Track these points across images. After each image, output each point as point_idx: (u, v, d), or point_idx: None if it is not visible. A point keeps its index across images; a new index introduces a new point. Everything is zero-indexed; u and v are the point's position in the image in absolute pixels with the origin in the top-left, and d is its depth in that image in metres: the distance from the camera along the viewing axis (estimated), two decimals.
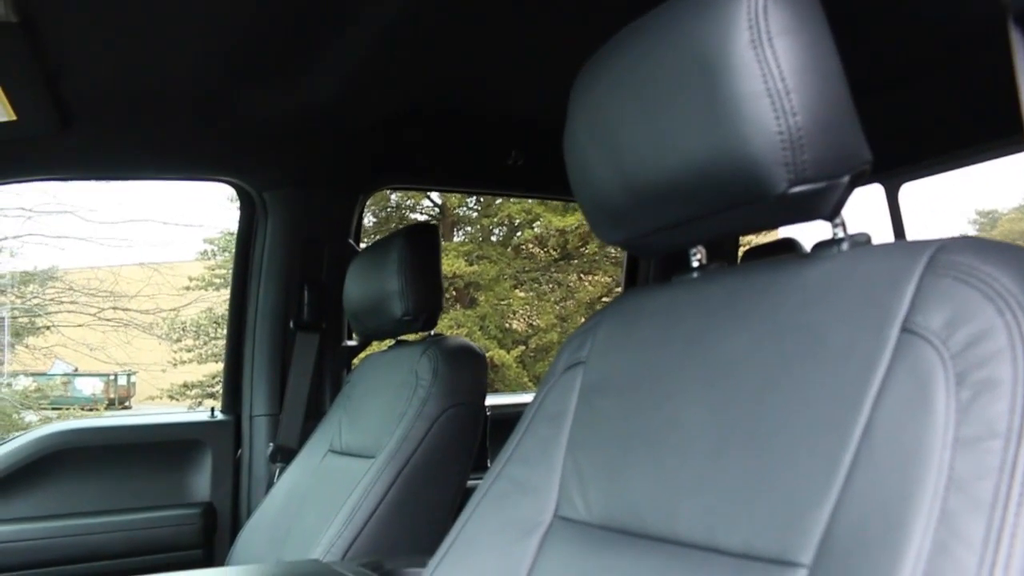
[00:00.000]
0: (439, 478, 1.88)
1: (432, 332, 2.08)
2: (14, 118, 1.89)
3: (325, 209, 2.53)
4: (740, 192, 0.89)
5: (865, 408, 0.76)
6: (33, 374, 12.67)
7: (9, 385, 11.48)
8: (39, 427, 2.36)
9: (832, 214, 0.91)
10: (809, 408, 0.81)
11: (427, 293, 2.00)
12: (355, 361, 2.59)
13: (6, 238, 10.80)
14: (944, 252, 0.79)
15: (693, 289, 1.05)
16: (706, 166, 0.89)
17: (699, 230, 1.01)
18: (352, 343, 2.60)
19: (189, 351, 13.85)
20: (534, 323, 13.01)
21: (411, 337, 2.16)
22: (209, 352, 13.79)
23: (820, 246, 0.93)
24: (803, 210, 0.90)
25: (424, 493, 1.85)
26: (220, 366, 12.97)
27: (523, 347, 12.48)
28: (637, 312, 1.12)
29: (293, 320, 2.49)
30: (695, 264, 1.09)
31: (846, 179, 0.87)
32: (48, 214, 12.69)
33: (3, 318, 11.18)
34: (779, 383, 0.85)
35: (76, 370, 14.01)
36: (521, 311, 13.14)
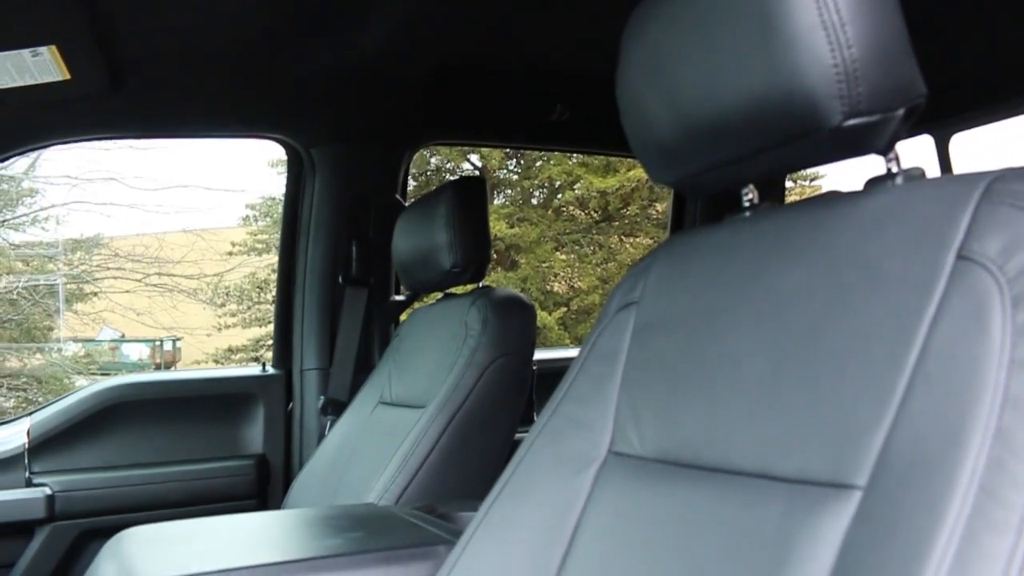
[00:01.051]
0: (489, 427, 1.90)
1: (480, 284, 2.10)
2: (68, 77, 1.92)
3: (372, 165, 2.55)
4: (794, 126, 0.89)
5: (920, 333, 0.77)
6: (82, 340, 12.91)
7: (59, 351, 11.71)
8: (99, 381, 2.43)
9: (886, 148, 0.91)
10: (864, 336, 0.82)
11: (475, 245, 2.02)
12: (402, 316, 2.63)
13: (53, 206, 10.96)
14: (1000, 181, 0.79)
15: (745, 227, 1.06)
16: (761, 100, 0.89)
17: (752, 167, 1.01)
18: (399, 298, 2.63)
19: (233, 316, 14.00)
20: (575, 285, 13.00)
21: (459, 290, 2.19)
22: (253, 316, 13.94)
23: (873, 181, 0.94)
24: (857, 144, 0.91)
25: (475, 441, 1.88)
26: (264, 330, 13.12)
27: (565, 309, 12.49)
28: (689, 252, 1.13)
29: (342, 275, 2.52)
30: (746, 204, 1.10)
31: (901, 112, 0.88)
32: (93, 181, 12.88)
33: (57, 285, 11.37)
34: (833, 314, 0.86)
35: (123, 336, 14.24)
36: (562, 273, 13.13)
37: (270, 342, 11.71)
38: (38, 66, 1.85)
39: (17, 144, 2.14)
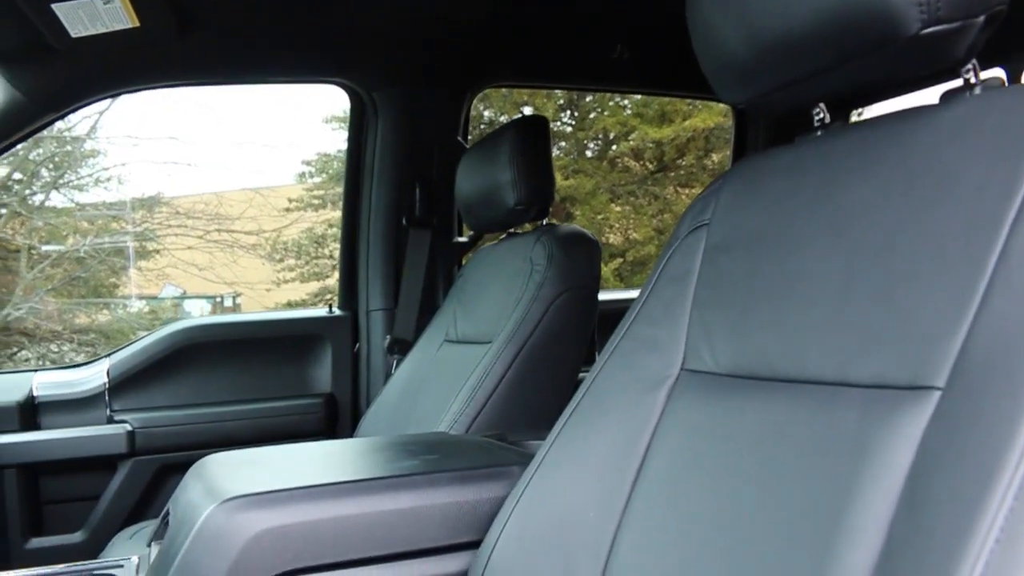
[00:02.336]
0: (556, 361, 1.92)
1: (544, 222, 2.12)
2: (137, 24, 1.96)
3: (434, 107, 2.56)
4: (870, 37, 0.88)
5: (1000, 237, 0.77)
6: (146, 297, 13.19)
7: (125, 307, 11.99)
8: (172, 323, 2.50)
9: (964, 59, 0.90)
10: (941, 243, 0.82)
11: (539, 182, 2.03)
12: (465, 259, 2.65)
13: (115, 165, 11.15)
14: None
15: (817, 145, 1.06)
16: (835, 12, 0.89)
17: (824, 84, 1.01)
18: (463, 239, 2.66)
19: (291, 271, 14.15)
20: (631, 236, 12.91)
21: (522, 229, 2.21)
22: (311, 271, 14.08)
23: (950, 93, 0.93)
24: (935, 54, 0.89)
25: (542, 375, 1.90)
26: (321, 284, 13.27)
27: (620, 260, 12.42)
28: (760, 172, 1.13)
29: (405, 217, 2.55)
30: (817, 123, 1.10)
31: (981, 19, 0.86)
32: (153, 140, 13.03)
33: (124, 243, 11.60)
34: (910, 224, 0.86)
35: (184, 292, 14.51)
36: (618, 225, 13.04)
37: (327, 296, 11.81)
38: (109, 14, 1.88)
39: (91, 92, 2.19)
